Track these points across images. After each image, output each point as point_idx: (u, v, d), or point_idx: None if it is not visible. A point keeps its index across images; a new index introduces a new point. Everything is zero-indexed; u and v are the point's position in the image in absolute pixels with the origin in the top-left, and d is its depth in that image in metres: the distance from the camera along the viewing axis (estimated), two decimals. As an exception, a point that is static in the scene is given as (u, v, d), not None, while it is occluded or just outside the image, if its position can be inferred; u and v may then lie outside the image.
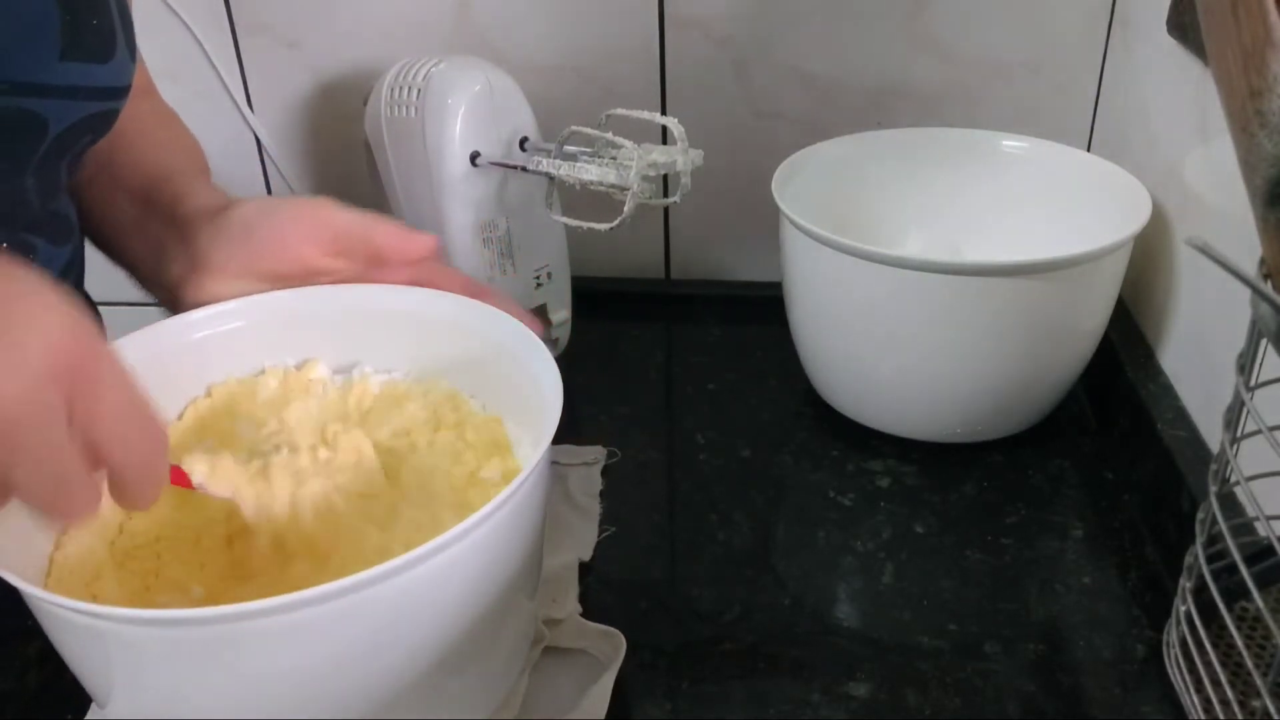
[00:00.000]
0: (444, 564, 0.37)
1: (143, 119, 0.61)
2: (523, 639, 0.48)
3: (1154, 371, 0.66)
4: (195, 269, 0.51)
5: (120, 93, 0.53)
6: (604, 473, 0.64)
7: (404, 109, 0.68)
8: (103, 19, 0.51)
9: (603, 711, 0.48)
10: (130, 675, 0.37)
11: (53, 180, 0.53)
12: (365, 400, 0.52)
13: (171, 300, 0.52)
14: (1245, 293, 0.37)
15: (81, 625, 0.35)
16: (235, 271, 0.50)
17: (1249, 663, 0.40)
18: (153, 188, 0.55)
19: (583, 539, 0.59)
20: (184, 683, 0.36)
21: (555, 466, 0.64)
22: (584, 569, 0.57)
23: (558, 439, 0.43)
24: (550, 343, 0.75)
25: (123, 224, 0.57)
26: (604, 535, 0.59)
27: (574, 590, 0.54)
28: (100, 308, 0.58)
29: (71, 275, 0.57)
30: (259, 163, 0.91)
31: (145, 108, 0.63)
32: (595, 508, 0.61)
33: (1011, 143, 0.74)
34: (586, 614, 0.53)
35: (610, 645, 0.51)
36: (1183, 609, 0.46)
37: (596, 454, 0.66)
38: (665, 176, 0.66)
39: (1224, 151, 0.49)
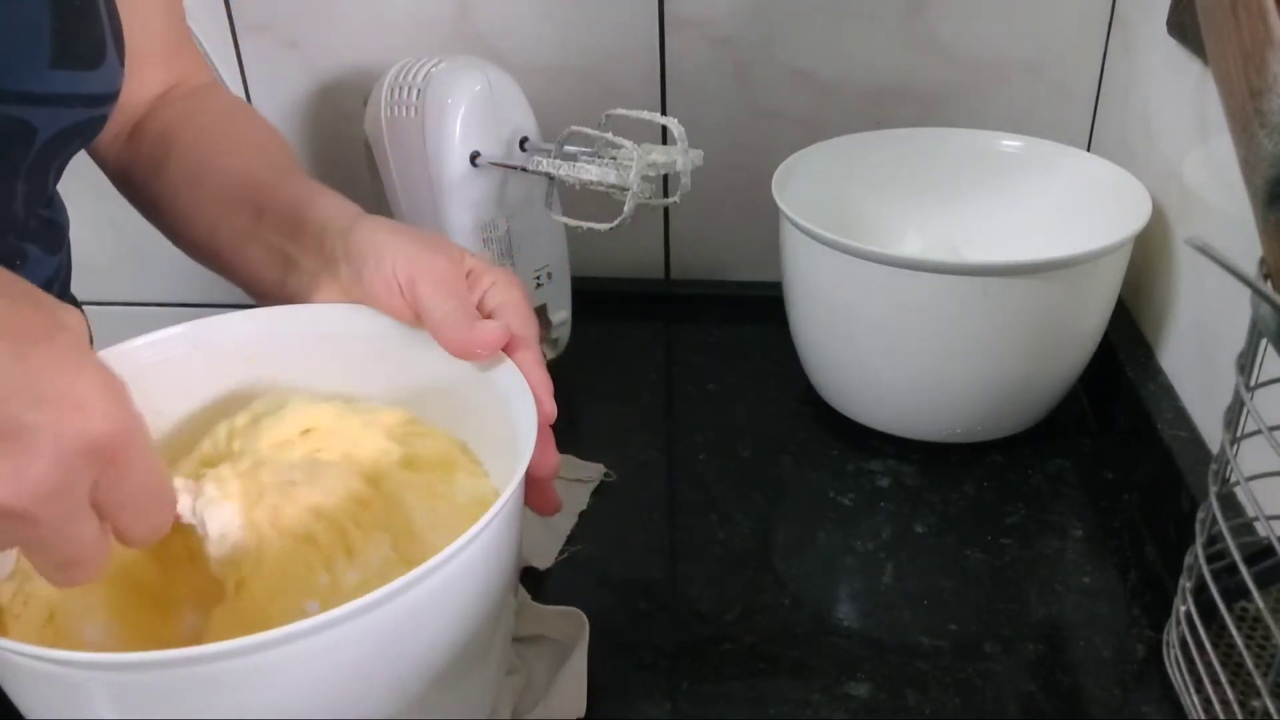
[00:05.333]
0: (424, 595, 0.35)
1: (231, 119, 0.60)
2: (508, 644, 0.48)
3: (1154, 371, 0.66)
4: (324, 276, 0.49)
5: (109, 99, 0.52)
6: (597, 488, 0.64)
7: (404, 109, 0.68)
8: (93, 25, 0.50)
9: (582, 695, 0.48)
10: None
11: (41, 187, 0.52)
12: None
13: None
14: (1245, 293, 0.37)
15: (26, 668, 0.33)
16: (358, 298, 0.49)
17: (1249, 663, 0.40)
18: (269, 201, 0.53)
19: (542, 547, 0.58)
20: None
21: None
22: (584, 569, 0.57)
23: (558, 447, 0.43)
24: (550, 343, 0.75)
25: (234, 233, 0.54)
26: (562, 555, 0.58)
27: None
28: (87, 308, 0.57)
29: (60, 279, 0.56)
30: (259, 163, 0.91)
31: (223, 105, 0.61)
32: (568, 525, 0.60)
33: (1011, 143, 0.74)
34: (587, 614, 0.53)
35: (572, 625, 0.51)
36: (1183, 609, 0.46)
37: (594, 472, 0.65)
38: (665, 176, 0.66)
39: (1224, 151, 0.49)
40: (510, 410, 0.44)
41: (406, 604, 0.35)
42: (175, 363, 0.48)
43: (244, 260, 0.54)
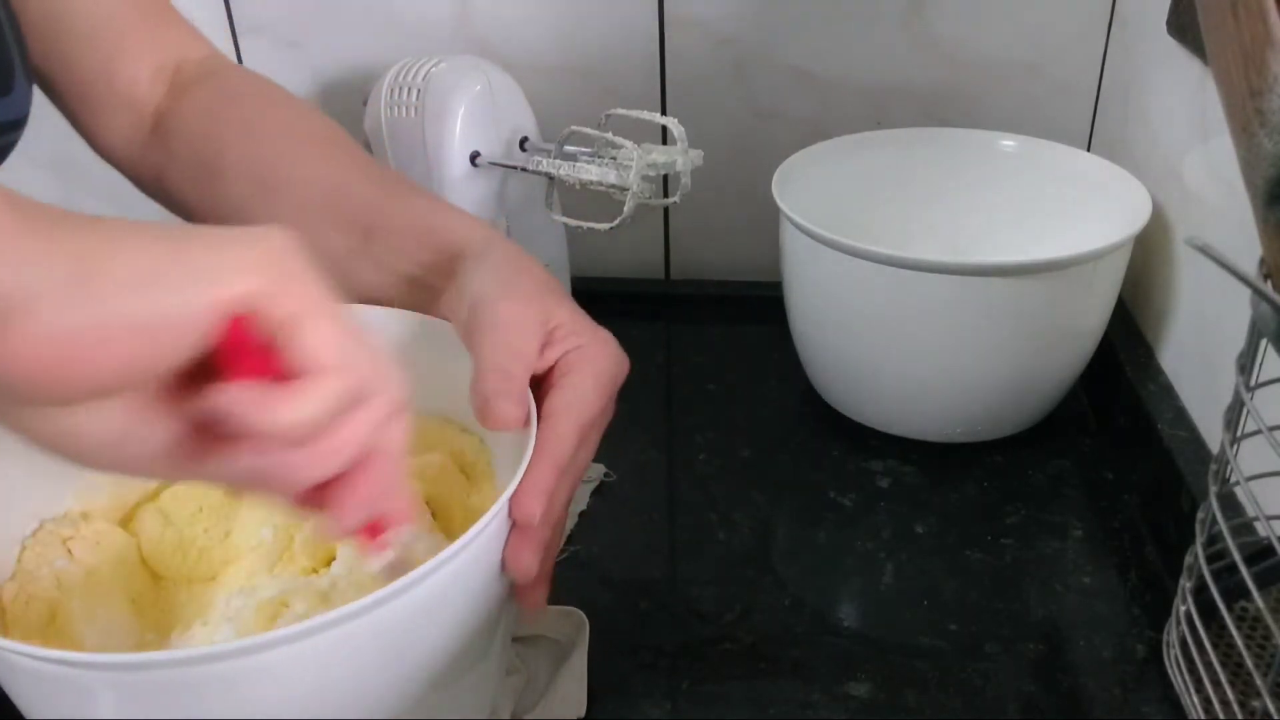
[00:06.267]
0: (426, 594, 0.35)
1: (275, 107, 0.56)
2: (508, 644, 0.48)
3: (1154, 371, 0.66)
4: (450, 294, 0.47)
5: (19, 124, 0.49)
6: (597, 488, 0.64)
7: (404, 109, 0.68)
8: (1, 50, 0.47)
9: (583, 694, 0.48)
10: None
11: None
12: None
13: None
14: (1245, 293, 0.37)
15: (28, 669, 0.33)
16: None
17: (1249, 663, 0.40)
18: (374, 215, 0.50)
19: None
20: None
21: None
22: (584, 569, 0.57)
23: None
24: None
25: (335, 251, 0.50)
26: (562, 555, 0.58)
27: None
28: None
29: None
30: (259, 163, 0.91)
31: (255, 89, 0.57)
32: (568, 524, 0.60)
33: (1011, 143, 0.74)
34: (587, 614, 0.53)
35: (571, 624, 0.51)
36: (1183, 609, 0.46)
37: (595, 472, 0.65)
38: (665, 176, 0.66)
39: (1224, 151, 0.49)
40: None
41: (406, 605, 0.35)
42: None
43: (351, 281, 0.49)
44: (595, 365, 0.44)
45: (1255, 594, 0.38)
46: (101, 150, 0.57)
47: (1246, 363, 0.41)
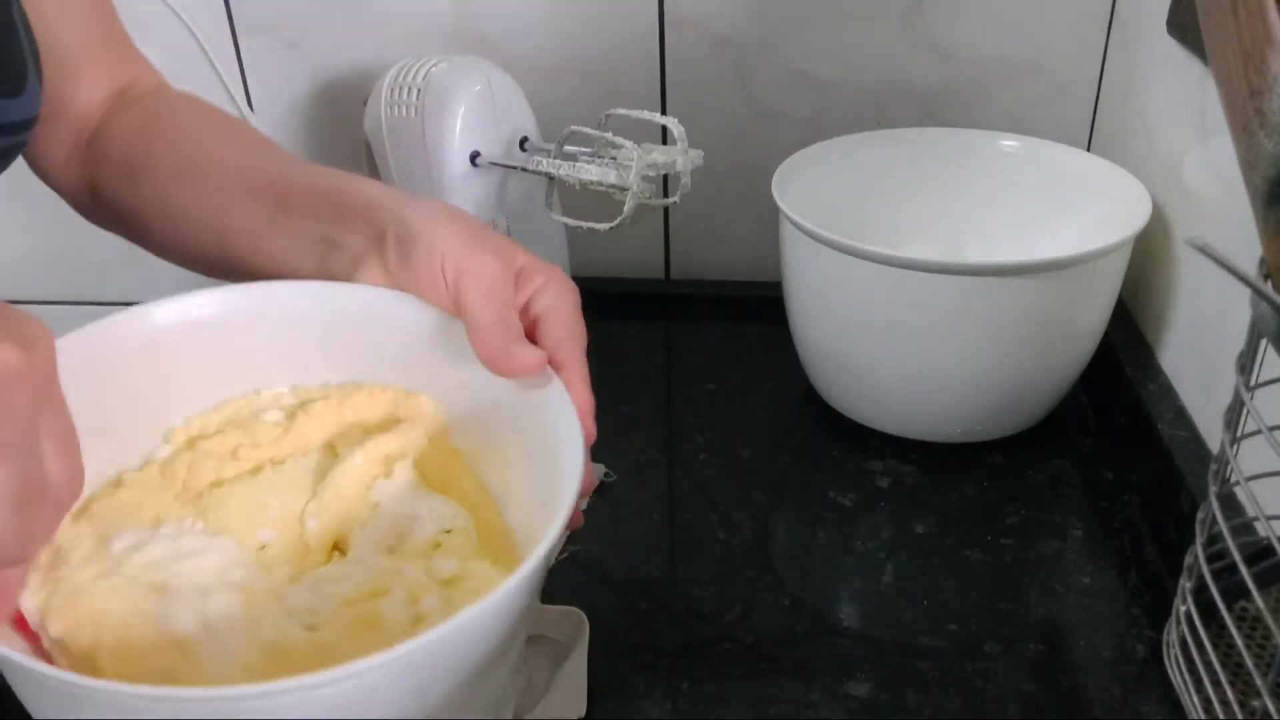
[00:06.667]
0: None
1: (211, 114, 0.57)
2: (522, 647, 0.48)
3: (1154, 371, 0.66)
4: (371, 255, 0.46)
5: (29, 125, 0.49)
6: (597, 488, 0.64)
7: (404, 109, 0.68)
8: (13, 50, 0.48)
9: (583, 694, 0.48)
10: None
11: None
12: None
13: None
14: (1245, 293, 0.37)
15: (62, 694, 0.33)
16: (402, 282, 0.46)
17: (1249, 663, 0.40)
18: (286, 185, 0.50)
19: None
20: None
21: None
22: (584, 569, 0.57)
23: None
24: None
25: (251, 225, 0.51)
26: (562, 556, 0.58)
27: None
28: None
29: None
30: (259, 163, 0.91)
31: (196, 102, 0.59)
32: None
33: (1011, 143, 0.74)
34: (587, 614, 0.53)
35: (571, 624, 0.51)
36: (1183, 609, 0.46)
37: (595, 472, 0.64)
38: (665, 176, 0.66)
39: (1224, 151, 0.49)
40: (555, 440, 0.41)
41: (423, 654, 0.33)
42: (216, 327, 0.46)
43: (268, 251, 0.50)
44: (569, 295, 0.46)
45: (1255, 594, 0.38)
46: (40, 168, 0.59)
47: (1246, 363, 0.41)
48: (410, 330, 0.46)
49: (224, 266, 0.54)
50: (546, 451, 0.42)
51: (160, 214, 0.55)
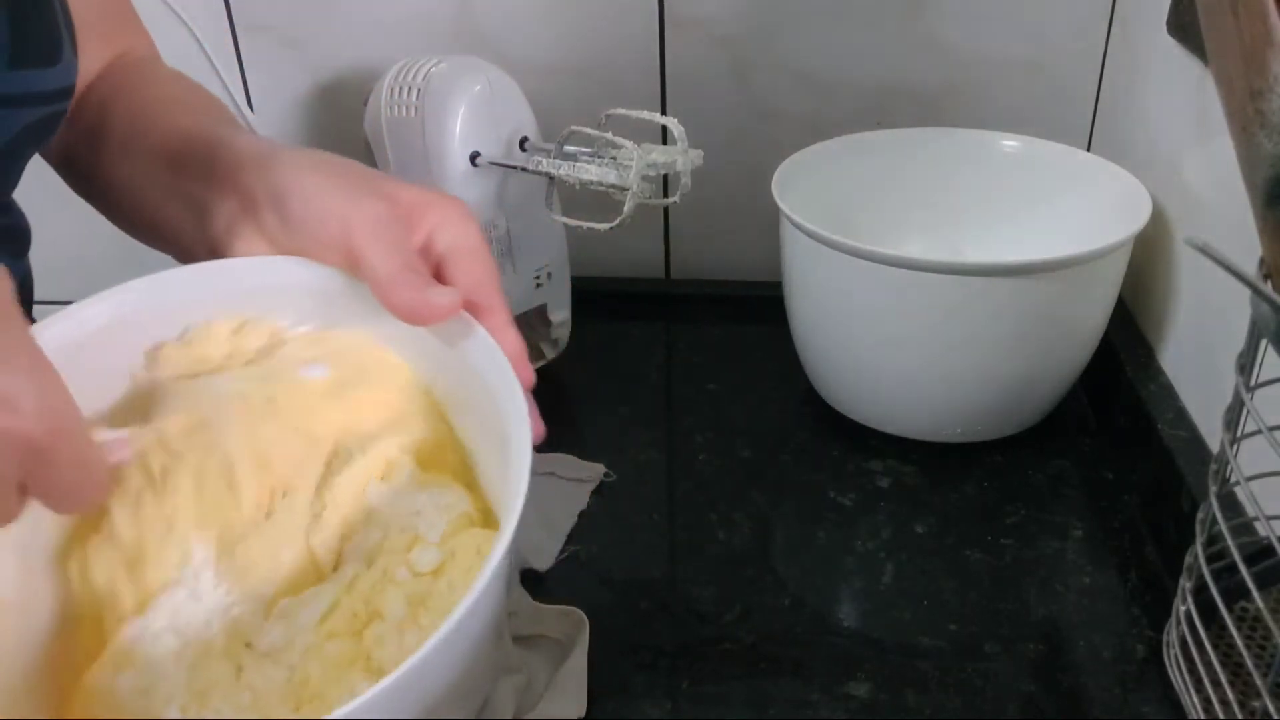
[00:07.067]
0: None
1: (169, 83, 0.57)
2: (508, 645, 0.48)
3: (1154, 371, 0.66)
4: (245, 221, 0.44)
5: (67, 94, 0.49)
6: (597, 488, 0.64)
7: (404, 109, 0.68)
8: (50, 19, 0.48)
9: (583, 694, 0.48)
10: None
11: (3, 191, 0.50)
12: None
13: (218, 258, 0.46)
14: (1245, 293, 0.37)
15: None
16: (286, 247, 0.44)
17: (1249, 663, 0.40)
18: (185, 149, 0.48)
19: (543, 547, 0.58)
20: None
21: (550, 478, 0.63)
22: (584, 569, 0.57)
23: (557, 447, 0.42)
24: (550, 343, 0.75)
25: (155, 193, 0.49)
26: (562, 555, 0.58)
27: (515, 579, 0.54)
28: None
29: (27, 287, 0.54)
30: (259, 163, 0.91)
31: (163, 72, 0.59)
32: (567, 525, 0.60)
33: (1011, 143, 0.74)
34: (587, 614, 0.53)
35: (571, 624, 0.51)
36: (1183, 609, 0.46)
37: (594, 472, 0.64)
38: (665, 176, 0.66)
39: (1224, 151, 0.49)
40: (494, 396, 0.39)
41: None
42: (117, 328, 0.43)
43: (166, 219, 0.48)
44: (471, 225, 0.43)
45: (1255, 594, 0.38)
46: None
47: (1246, 363, 0.41)
48: (306, 296, 0.43)
49: (154, 241, 0.52)
50: (487, 410, 0.40)
51: (108, 187, 0.53)
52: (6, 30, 0.44)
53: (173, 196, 0.48)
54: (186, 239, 0.47)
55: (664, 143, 0.66)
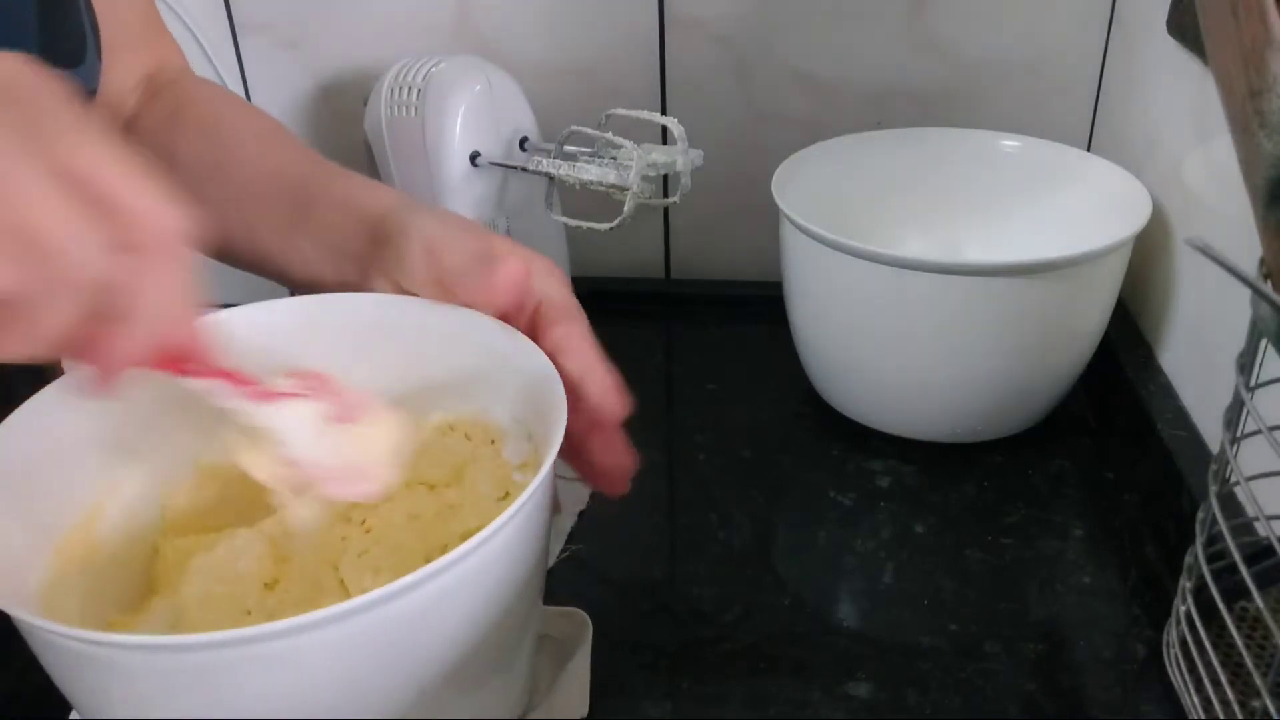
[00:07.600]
0: (445, 586, 0.35)
1: (228, 105, 0.59)
2: (534, 644, 0.48)
3: (1154, 371, 0.66)
4: (375, 275, 0.48)
5: (88, 96, 0.50)
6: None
7: (404, 109, 0.68)
8: (75, 21, 0.48)
9: (585, 695, 0.48)
10: (121, 698, 0.35)
11: None
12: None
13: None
14: (1245, 293, 0.37)
15: (68, 649, 0.34)
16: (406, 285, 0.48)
17: (1249, 663, 0.40)
18: (311, 190, 0.52)
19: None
20: (179, 707, 0.34)
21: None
22: (585, 569, 0.57)
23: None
24: None
25: (278, 226, 0.52)
26: (563, 555, 0.58)
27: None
28: None
29: None
30: (259, 163, 0.91)
31: (213, 93, 0.60)
32: (568, 525, 0.60)
33: (1011, 143, 0.74)
34: (587, 614, 0.53)
35: (573, 625, 0.51)
36: (1183, 609, 0.46)
37: None
38: (665, 176, 0.66)
39: (1224, 151, 0.49)
40: (537, 396, 0.44)
41: (426, 595, 0.34)
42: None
43: (292, 253, 0.52)
44: (557, 279, 0.47)
45: (1255, 594, 0.38)
46: None
47: (1246, 363, 0.41)
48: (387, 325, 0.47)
49: (252, 261, 0.55)
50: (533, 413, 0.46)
51: (191, 208, 0.55)
52: (35, 30, 0.45)
53: (301, 235, 0.51)
54: (320, 276, 0.51)
55: (664, 143, 0.66)
